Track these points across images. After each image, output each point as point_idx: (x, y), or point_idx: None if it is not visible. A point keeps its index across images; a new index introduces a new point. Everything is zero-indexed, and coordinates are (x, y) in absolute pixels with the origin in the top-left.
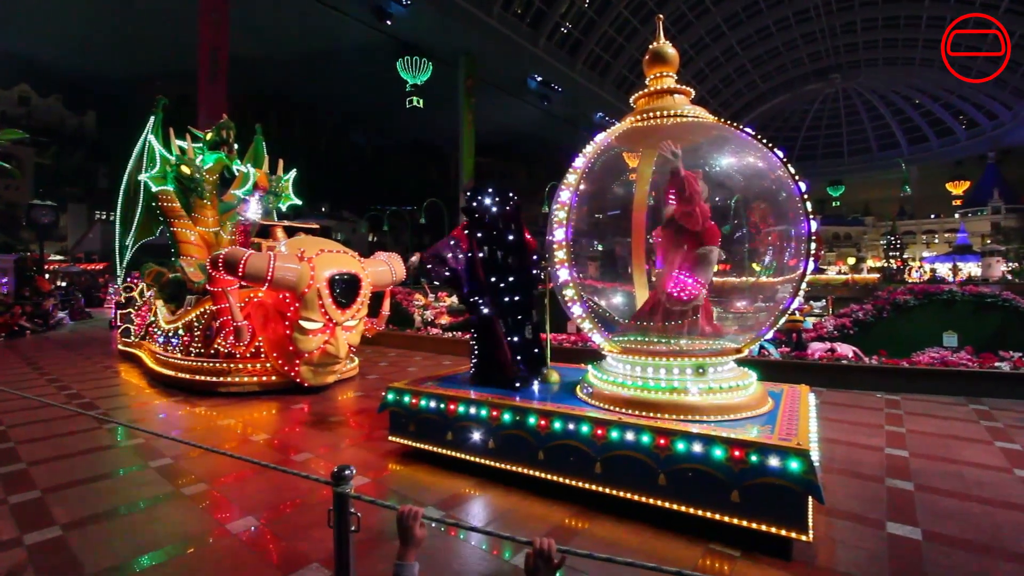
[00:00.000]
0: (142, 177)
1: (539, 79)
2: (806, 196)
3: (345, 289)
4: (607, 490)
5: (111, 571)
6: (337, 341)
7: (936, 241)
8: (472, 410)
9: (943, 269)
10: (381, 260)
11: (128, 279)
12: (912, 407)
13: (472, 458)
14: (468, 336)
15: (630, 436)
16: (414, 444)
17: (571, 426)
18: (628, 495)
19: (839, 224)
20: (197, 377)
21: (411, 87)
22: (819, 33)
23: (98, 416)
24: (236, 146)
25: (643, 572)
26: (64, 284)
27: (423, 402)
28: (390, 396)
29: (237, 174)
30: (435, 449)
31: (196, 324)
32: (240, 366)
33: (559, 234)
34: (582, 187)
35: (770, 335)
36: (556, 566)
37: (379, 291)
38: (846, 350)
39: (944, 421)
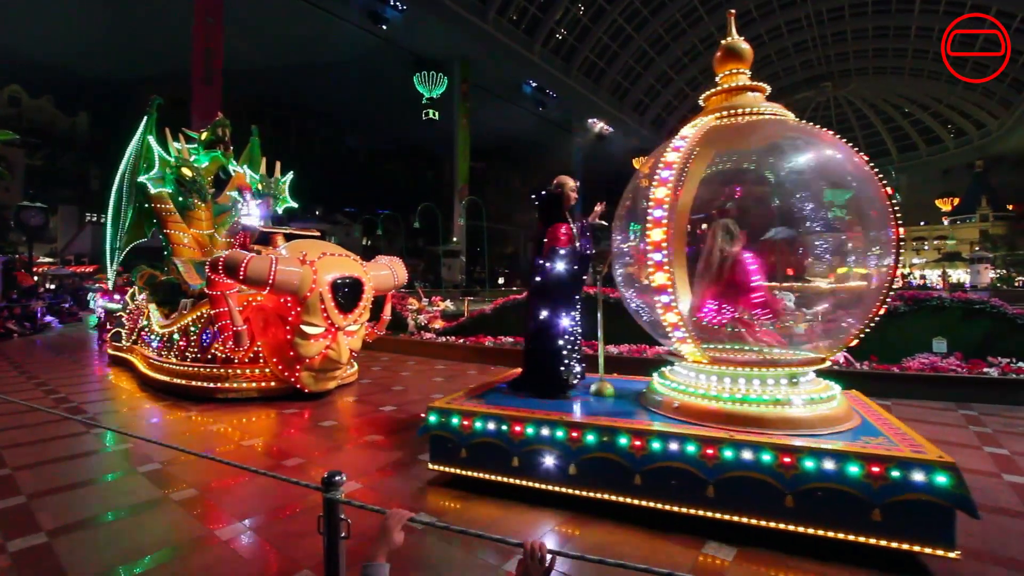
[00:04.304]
0: (141, 179)
1: (534, 84)
2: (894, 201)
3: (348, 293)
4: (723, 516)
5: None
6: (339, 346)
7: (926, 248)
8: (545, 432)
9: (932, 276)
10: (383, 264)
11: (119, 281)
12: (902, 412)
13: (546, 487)
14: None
15: (747, 455)
16: (466, 473)
17: (673, 446)
18: (749, 520)
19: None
20: (193, 383)
21: (427, 100)
22: (810, 42)
23: (85, 421)
24: (232, 147)
25: (634, 574)
26: (53, 287)
27: (479, 424)
28: (433, 418)
29: (233, 174)
30: (496, 478)
31: (192, 328)
32: (238, 371)
33: (657, 235)
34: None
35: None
36: (547, 569)
37: (379, 295)
38: (837, 356)
39: (934, 426)
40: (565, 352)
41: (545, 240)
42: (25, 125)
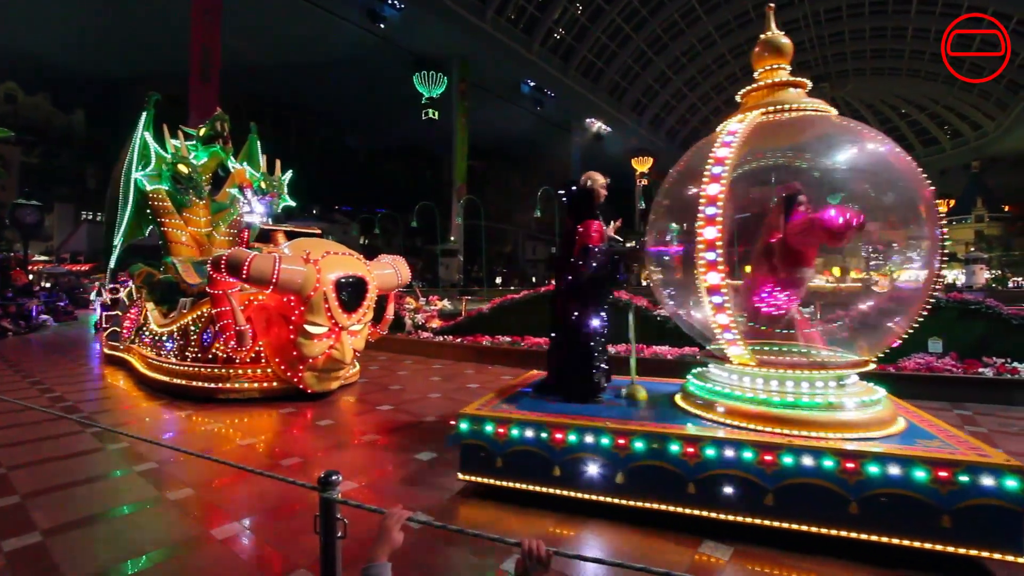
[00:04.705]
0: (136, 175)
1: (532, 84)
2: (938, 201)
3: (351, 292)
4: (783, 524)
5: None
6: (343, 346)
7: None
8: (589, 439)
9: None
10: (386, 263)
11: (116, 280)
12: None
13: (591, 497)
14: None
15: (808, 461)
16: (502, 484)
17: (728, 453)
18: (810, 528)
19: None
20: (194, 383)
21: (427, 100)
22: (808, 43)
23: (81, 420)
24: (231, 143)
25: (633, 573)
26: (48, 285)
27: (515, 431)
28: (464, 425)
29: (232, 171)
30: (536, 488)
31: (193, 328)
32: (240, 372)
33: (710, 233)
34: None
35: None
36: (546, 567)
37: (380, 295)
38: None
39: None
40: (596, 354)
41: (577, 237)
42: (21, 122)
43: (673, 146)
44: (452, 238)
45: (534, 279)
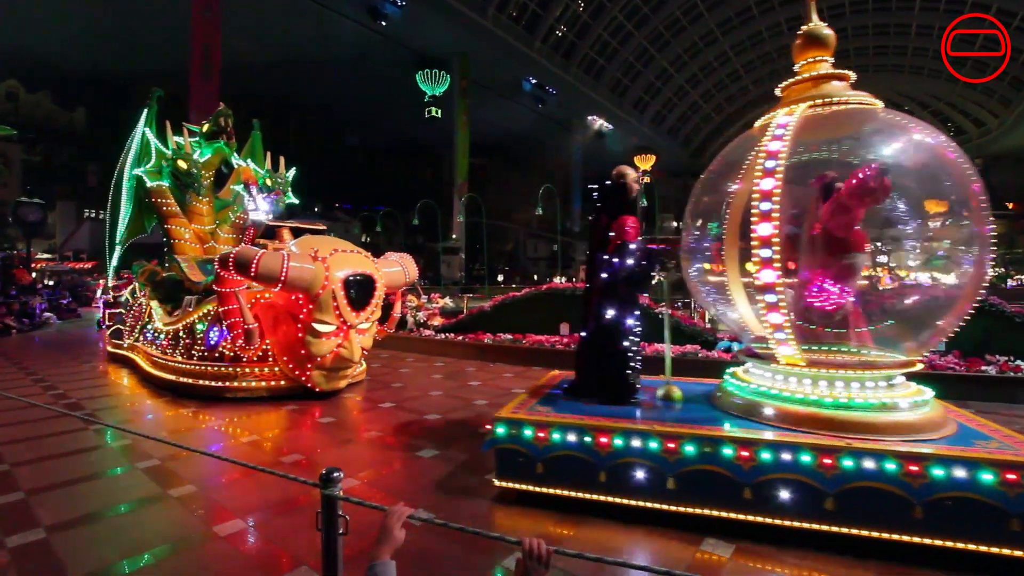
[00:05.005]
0: (136, 171)
1: (533, 81)
2: (985, 196)
3: (360, 290)
4: (844, 529)
5: (96, 574)
6: (351, 344)
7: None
8: (636, 443)
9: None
10: (394, 260)
11: (118, 278)
12: None
13: (640, 503)
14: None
15: (869, 464)
16: (543, 491)
17: (785, 456)
18: (872, 533)
19: None
20: (201, 382)
21: (429, 98)
22: None
23: (84, 417)
24: (234, 138)
25: (635, 573)
26: (52, 283)
27: (557, 436)
28: (501, 430)
29: (236, 167)
30: (581, 495)
31: (199, 326)
32: (247, 370)
33: (764, 229)
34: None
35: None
36: (547, 567)
37: (388, 293)
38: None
39: None
40: (631, 354)
41: (612, 234)
42: (22, 120)
43: (675, 143)
44: (454, 236)
45: (535, 277)
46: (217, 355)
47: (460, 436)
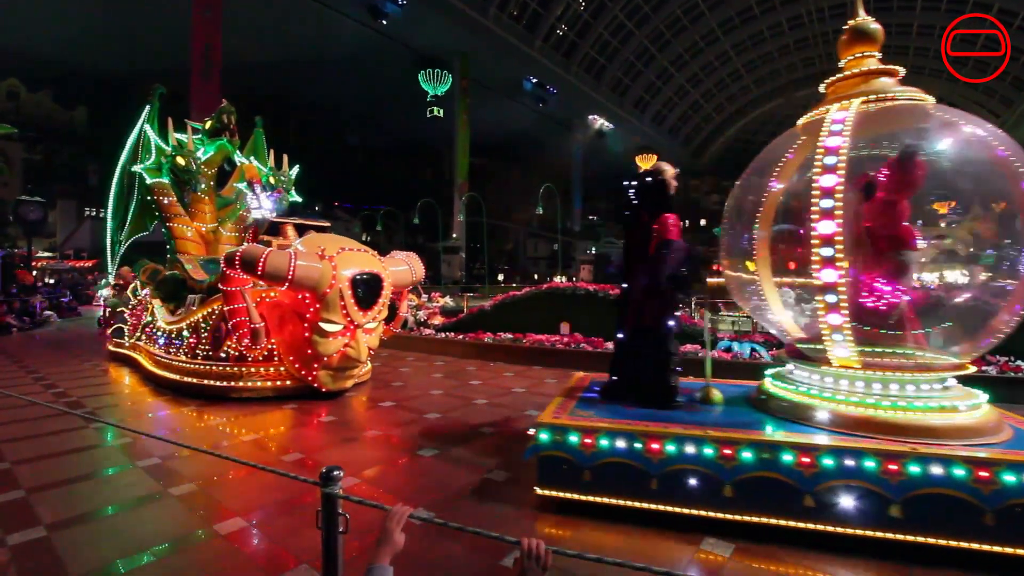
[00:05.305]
0: (136, 168)
1: (534, 81)
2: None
3: (367, 289)
4: (913, 537)
5: (96, 573)
6: (358, 344)
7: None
8: (690, 449)
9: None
10: (400, 259)
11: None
12: None
13: (695, 512)
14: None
15: (937, 470)
16: (592, 499)
17: (849, 462)
18: (941, 541)
19: None
20: (206, 381)
21: (432, 98)
22: (812, 38)
23: (85, 415)
24: (237, 135)
25: (634, 573)
26: (52, 281)
27: (604, 442)
28: (544, 436)
29: (238, 165)
30: (631, 504)
31: (203, 325)
32: (252, 370)
33: (825, 227)
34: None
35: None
36: (545, 567)
37: (394, 292)
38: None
39: None
40: (672, 356)
41: (654, 233)
42: (23, 119)
43: (676, 143)
44: (454, 235)
45: (536, 276)
46: (222, 355)
47: (461, 435)
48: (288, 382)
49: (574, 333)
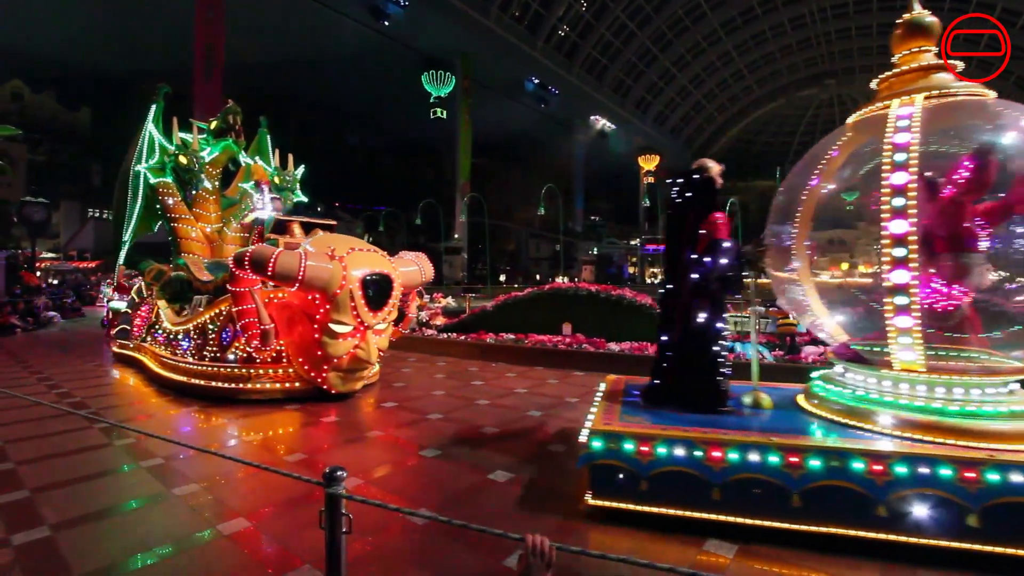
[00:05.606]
0: (140, 168)
1: (536, 81)
2: None
3: (377, 290)
4: (991, 548)
5: (100, 572)
6: (368, 345)
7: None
8: (754, 457)
9: None
10: (410, 260)
11: (122, 276)
12: None
13: (761, 522)
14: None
15: (1017, 478)
16: (649, 510)
17: (922, 470)
18: (1021, 552)
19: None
20: (213, 383)
21: (435, 99)
22: (814, 39)
23: (89, 415)
24: (243, 135)
25: (639, 570)
26: (56, 282)
27: (662, 450)
28: (597, 444)
29: (244, 165)
30: (692, 515)
31: (211, 326)
32: (261, 372)
33: (898, 226)
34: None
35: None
36: (549, 564)
37: (404, 292)
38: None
39: None
40: (721, 359)
41: (703, 232)
42: (27, 120)
43: (677, 143)
44: (456, 235)
45: (538, 277)
46: (230, 356)
47: (463, 436)
48: (297, 384)
49: (576, 334)
